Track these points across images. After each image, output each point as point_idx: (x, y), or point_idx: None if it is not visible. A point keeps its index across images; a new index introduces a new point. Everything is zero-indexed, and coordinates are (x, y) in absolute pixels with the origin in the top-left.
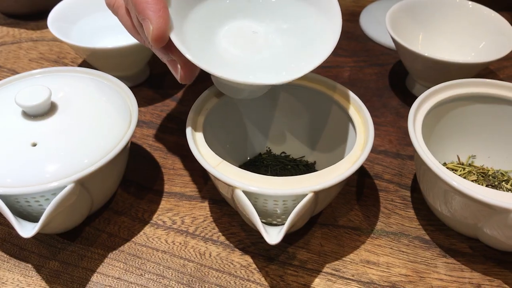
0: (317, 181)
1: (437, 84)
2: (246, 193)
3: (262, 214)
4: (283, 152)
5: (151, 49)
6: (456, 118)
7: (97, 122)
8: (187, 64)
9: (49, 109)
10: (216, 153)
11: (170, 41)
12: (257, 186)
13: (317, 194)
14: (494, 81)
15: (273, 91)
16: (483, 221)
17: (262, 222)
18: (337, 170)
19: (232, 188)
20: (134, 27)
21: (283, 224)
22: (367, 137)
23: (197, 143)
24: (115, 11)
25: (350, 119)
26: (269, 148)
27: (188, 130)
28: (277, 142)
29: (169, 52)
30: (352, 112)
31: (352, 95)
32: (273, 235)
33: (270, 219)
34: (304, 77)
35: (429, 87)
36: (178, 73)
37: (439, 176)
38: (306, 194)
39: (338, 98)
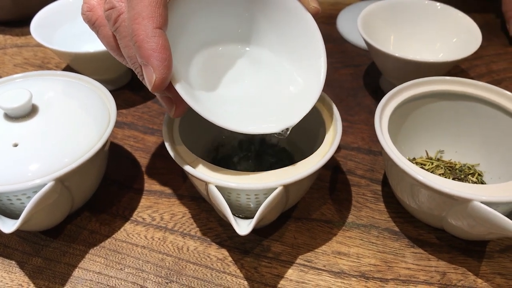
0: (287, 175)
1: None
2: (220, 188)
3: (237, 209)
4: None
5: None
6: (424, 115)
7: (76, 123)
8: (182, 103)
9: (30, 111)
10: (193, 151)
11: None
12: (229, 181)
13: (287, 187)
14: (458, 79)
15: None
16: (447, 212)
17: (239, 217)
18: (307, 164)
19: (206, 183)
20: (118, 49)
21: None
22: (335, 134)
23: (173, 141)
24: (95, 29)
25: (321, 118)
26: (250, 141)
27: (165, 129)
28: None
29: (165, 90)
30: (323, 111)
31: (323, 95)
32: (243, 226)
33: (244, 214)
34: None
35: None
36: (172, 111)
37: (404, 170)
38: (276, 188)
39: None
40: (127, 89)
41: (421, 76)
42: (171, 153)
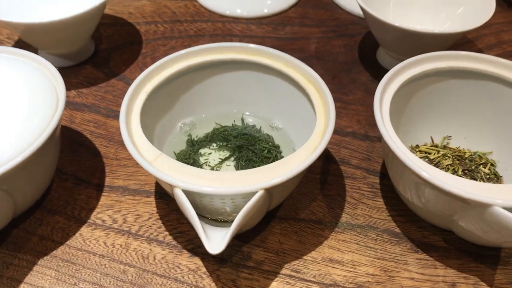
0: (269, 176)
1: (410, 57)
2: (188, 192)
3: (211, 212)
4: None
5: None
6: (430, 95)
7: (14, 111)
8: None
9: None
10: (161, 138)
11: None
12: (200, 184)
13: (270, 190)
14: (472, 54)
15: (227, 66)
16: (458, 214)
17: (212, 219)
18: (293, 160)
19: (171, 186)
20: None
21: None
22: (328, 121)
23: (132, 132)
24: None
25: (309, 100)
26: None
27: (122, 117)
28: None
29: None
30: (311, 91)
31: (311, 72)
32: (215, 242)
33: (220, 217)
34: (255, 51)
35: (401, 60)
36: None
37: (408, 166)
38: (256, 192)
39: (295, 76)
40: (89, 64)
41: (424, 49)
42: (129, 147)
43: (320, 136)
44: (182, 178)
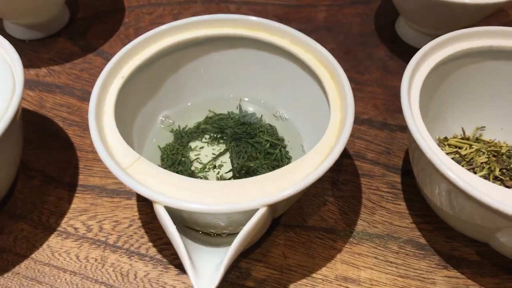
0: (273, 187)
1: (434, 29)
2: (171, 209)
3: (201, 226)
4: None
5: None
6: (463, 79)
7: None
8: None
9: None
10: (139, 135)
11: None
12: (186, 199)
13: (273, 205)
14: None
15: (221, 43)
16: (501, 231)
17: (206, 234)
18: (302, 167)
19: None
20: None
21: (233, 233)
22: (345, 115)
23: (104, 129)
24: None
25: (321, 87)
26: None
27: (92, 111)
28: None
29: None
30: (324, 76)
31: (324, 52)
32: (206, 277)
33: (213, 231)
34: (255, 25)
35: (425, 33)
36: None
37: (443, 173)
38: (258, 209)
39: (303, 56)
40: (63, 36)
41: (452, 21)
42: (99, 150)
43: (335, 134)
44: (165, 191)
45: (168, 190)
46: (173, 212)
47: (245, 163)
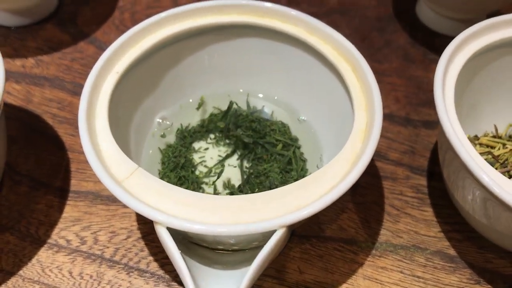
0: (292, 204)
1: (461, 13)
2: (175, 231)
3: (209, 243)
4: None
5: None
6: (497, 72)
7: None
8: None
9: None
10: (137, 136)
11: None
12: (192, 219)
13: (292, 225)
14: None
15: (228, 32)
16: None
17: (214, 250)
18: (325, 180)
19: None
20: None
21: (242, 249)
22: (372, 116)
23: (97, 135)
24: None
25: (342, 82)
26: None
27: (82, 114)
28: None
29: None
30: (345, 70)
31: (346, 43)
32: None
33: (222, 247)
34: (266, 12)
35: (449, 17)
36: None
37: (477, 177)
38: (275, 231)
39: (321, 48)
40: (51, 22)
41: (480, 3)
42: (90, 160)
43: (361, 139)
44: (167, 208)
45: (172, 208)
46: (176, 230)
47: (255, 167)
